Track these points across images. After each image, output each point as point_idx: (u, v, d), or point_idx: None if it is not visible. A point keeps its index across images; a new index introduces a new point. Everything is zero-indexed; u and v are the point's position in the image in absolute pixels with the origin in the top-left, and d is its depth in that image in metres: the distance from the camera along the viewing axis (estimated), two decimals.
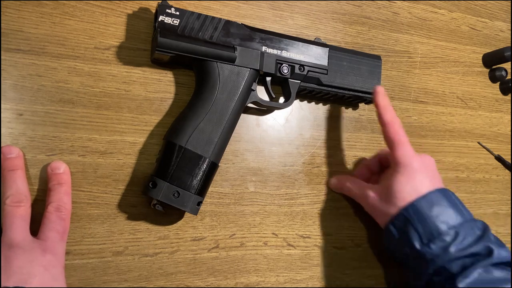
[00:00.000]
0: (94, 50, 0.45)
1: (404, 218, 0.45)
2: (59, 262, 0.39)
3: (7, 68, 0.42)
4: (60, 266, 0.39)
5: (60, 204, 0.40)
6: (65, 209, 0.40)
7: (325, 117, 0.55)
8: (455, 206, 0.45)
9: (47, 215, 0.40)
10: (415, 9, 0.63)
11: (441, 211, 0.44)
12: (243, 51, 0.46)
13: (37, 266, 0.36)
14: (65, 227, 0.40)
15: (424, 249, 0.44)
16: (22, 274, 0.35)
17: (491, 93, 0.66)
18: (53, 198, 0.40)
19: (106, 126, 0.45)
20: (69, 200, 0.41)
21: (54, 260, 0.38)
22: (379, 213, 0.48)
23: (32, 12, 0.43)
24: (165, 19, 0.43)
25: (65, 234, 0.40)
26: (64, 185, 0.41)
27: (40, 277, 0.36)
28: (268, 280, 0.49)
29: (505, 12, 0.69)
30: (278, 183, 0.51)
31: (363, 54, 0.53)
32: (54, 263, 0.38)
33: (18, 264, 0.36)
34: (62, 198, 0.40)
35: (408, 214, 0.45)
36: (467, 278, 0.41)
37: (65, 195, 0.41)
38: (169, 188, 0.41)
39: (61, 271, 0.38)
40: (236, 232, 0.49)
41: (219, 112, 0.44)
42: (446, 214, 0.44)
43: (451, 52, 0.64)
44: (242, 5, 0.52)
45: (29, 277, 0.35)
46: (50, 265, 0.37)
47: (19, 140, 0.42)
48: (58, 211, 0.40)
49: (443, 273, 0.43)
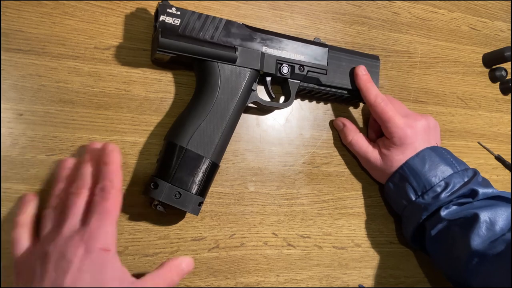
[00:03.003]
0: (94, 50, 0.45)
1: (400, 175, 0.50)
2: (101, 245, 0.35)
3: (7, 68, 0.42)
4: (97, 248, 0.35)
5: (105, 184, 0.37)
6: (112, 188, 0.37)
7: (325, 117, 0.55)
8: (445, 160, 0.50)
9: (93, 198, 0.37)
10: (415, 9, 0.63)
11: (433, 166, 0.49)
12: (244, 51, 0.46)
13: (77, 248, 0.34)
14: (108, 207, 0.36)
15: (419, 200, 0.49)
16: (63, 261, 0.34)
17: (491, 93, 0.66)
18: (99, 178, 0.38)
19: (106, 126, 0.45)
20: (117, 179, 0.38)
21: (94, 243, 0.35)
22: (377, 173, 0.54)
23: (32, 12, 0.43)
24: (166, 19, 0.43)
25: (110, 214, 0.36)
26: (112, 164, 0.38)
27: (78, 263, 0.34)
28: (268, 280, 0.49)
29: (505, 12, 0.69)
30: (278, 183, 0.51)
31: (362, 54, 0.53)
32: (92, 247, 0.35)
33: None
34: (107, 178, 0.38)
35: (403, 172, 0.50)
36: (449, 209, 0.48)
37: (111, 174, 0.38)
38: (170, 189, 0.41)
39: (101, 254, 0.35)
40: (236, 232, 0.49)
41: (220, 113, 0.44)
42: (438, 169, 0.49)
43: (451, 52, 0.64)
44: (242, 5, 0.52)
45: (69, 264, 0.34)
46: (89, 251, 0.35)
47: (19, 140, 0.42)
48: (102, 191, 0.37)
49: (434, 215, 0.49)
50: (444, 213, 0.47)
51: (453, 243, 0.47)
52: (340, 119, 0.54)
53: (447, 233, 0.48)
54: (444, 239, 0.48)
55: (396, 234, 0.56)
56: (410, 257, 0.56)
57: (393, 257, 0.55)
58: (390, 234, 0.56)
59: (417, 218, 0.49)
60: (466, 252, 0.45)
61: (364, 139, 0.53)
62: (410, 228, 0.51)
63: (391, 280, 0.55)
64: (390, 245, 0.55)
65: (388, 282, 0.54)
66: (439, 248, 0.49)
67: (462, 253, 0.46)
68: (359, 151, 0.53)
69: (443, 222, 0.48)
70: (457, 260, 0.47)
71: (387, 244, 0.55)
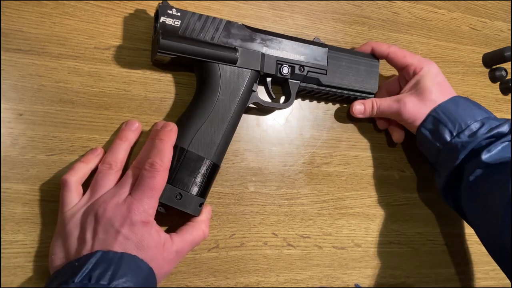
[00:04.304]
0: (94, 50, 0.45)
1: (433, 118, 0.49)
2: (142, 218, 0.38)
3: (7, 68, 0.42)
4: (139, 222, 0.38)
5: (155, 161, 0.39)
6: (161, 167, 0.39)
7: (325, 117, 0.55)
8: (479, 106, 0.50)
9: (141, 171, 0.40)
10: (415, 9, 0.63)
11: (467, 108, 0.48)
12: (244, 52, 0.46)
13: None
14: (154, 185, 0.39)
15: (455, 140, 0.47)
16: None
17: (491, 93, 0.66)
18: (151, 154, 0.40)
19: (106, 126, 0.45)
20: (167, 158, 0.40)
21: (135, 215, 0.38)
22: (415, 116, 0.50)
23: (32, 12, 0.43)
24: (166, 20, 0.43)
25: (154, 191, 0.39)
26: (166, 142, 0.40)
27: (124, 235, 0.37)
28: (268, 280, 0.49)
29: (505, 12, 0.69)
30: (278, 183, 0.51)
31: (362, 54, 0.53)
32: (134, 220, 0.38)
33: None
34: (158, 155, 0.40)
35: (436, 114, 0.49)
36: (490, 152, 0.45)
37: (162, 152, 0.40)
38: (171, 190, 0.41)
39: (141, 226, 0.38)
40: (236, 232, 0.49)
41: (221, 114, 0.44)
42: (472, 111, 0.48)
43: (451, 52, 0.64)
44: (242, 5, 0.52)
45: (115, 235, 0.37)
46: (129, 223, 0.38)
47: (19, 140, 0.42)
48: (151, 167, 0.39)
49: (471, 156, 0.47)
50: (486, 156, 0.45)
51: (491, 190, 0.45)
52: (356, 103, 0.53)
53: (486, 179, 0.45)
54: (482, 186, 0.46)
55: (396, 234, 0.56)
56: (410, 257, 0.56)
57: (393, 257, 0.55)
58: (390, 234, 0.56)
59: (453, 160, 0.47)
60: (504, 200, 0.43)
61: (386, 99, 0.52)
62: (444, 174, 0.49)
63: (391, 280, 0.55)
64: (390, 245, 0.55)
65: (388, 282, 0.54)
66: (476, 196, 0.47)
67: (499, 201, 0.43)
68: (388, 110, 0.52)
69: (483, 167, 0.45)
70: (493, 209, 0.44)
71: (387, 244, 0.55)
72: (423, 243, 0.57)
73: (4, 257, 0.40)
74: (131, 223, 0.37)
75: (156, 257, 0.39)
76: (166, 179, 0.40)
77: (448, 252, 0.59)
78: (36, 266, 0.41)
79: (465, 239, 0.60)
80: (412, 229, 0.57)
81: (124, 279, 0.35)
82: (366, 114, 0.53)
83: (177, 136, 0.42)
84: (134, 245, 0.37)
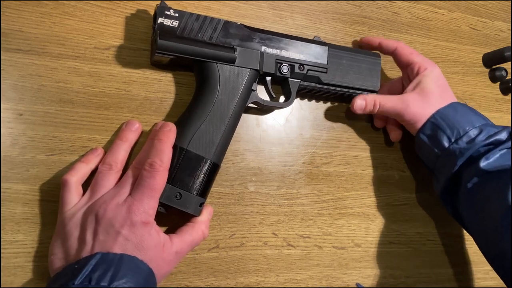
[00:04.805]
0: (94, 50, 0.45)
1: (432, 124, 0.49)
2: (142, 218, 0.38)
3: (7, 68, 0.42)
4: (139, 222, 0.38)
5: (154, 161, 0.39)
6: (160, 167, 0.39)
7: (325, 117, 0.55)
8: (476, 113, 0.50)
9: (141, 172, 0.40)
10: (415, 9, 0.63)
11: (466, 115, 0.49)
12: (243, 51, 0.46)
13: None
14: (154, 185, 0.39)
15: (453, 146, 0.47)
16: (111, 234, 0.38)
17: (491, 93, 0.66)
18: (150, 154, 0.40)
19: (106, 126, 0.45)
20: (167, 158, 0.40)
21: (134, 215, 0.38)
22: (416, 118, 0.50)
23: (32, 12, 0.43)
24: (164, 21, 0.43)
25: (154, 191, 0.39)
26: (165, 142, 0.41)
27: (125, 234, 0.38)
28: (268, 280, 0.49)
29: (505, 12, 0.69)
30: (278, 183, 0.51)
31: (362, 52, 0.53)
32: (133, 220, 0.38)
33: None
34: (158, 156, 0.40)
35: (435, 120, 0.49)
36: (488, 159, 0.45)
37: (162, 152, 0.40)
38: (171, 190, 0.41)
39: (141, 226, 0.38)
40: (236, 232, 0.49)
41: (220, 113, 0.44)
42: (470, 117, 0.48)
43: (451, 52, 0.64)
44: (242, 5, 0.52)
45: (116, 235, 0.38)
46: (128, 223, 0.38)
47: (19, 140, 0.42)
48: (150, 167, 0.39)
49: (470, 163, 0.47)
50: (484, 163, 0.45)
51: (489, 197, 0.45)
52: (358, 97, 0.51)
53: (484, 186, 0.46)
54: (480, 193, 0.46)
55: (396, 234, 0.56)
56: (410, 257, 0.56)
57: (393, 257, 0.55)
58: (390, 234, 0.56)
59: (452, 166, 0.47)
60: (502, 208, 0.43)
61: (389, 96, 0.52)
62: (442, 179, 0.49)
63: (391, 280, 0.55)
64: (390, 245, 0.55)
65: (388, 282, 0.54)
66: (474, 203, 0.47)
67: (498, 208, 0.43)
68: (391, 110, 0.51)
69: (481, 175, 0.46)
70: (491, 216, 0.44)
71: (387, 244, 0.55)
72: (423, 243, 0.57)
73: (4, 257, 0.40)
74: (131, 223, 0.38)
75: (155, 258, 0.39)
76: (166, 179, 0.40)
77: (448, 252, 0.59)
78: (36, 266, 0.41)
79: (465, 239, 0.60)
80: (412, 229, 0.57)
81: (124, 280, 0.35)
82: (366, 110, 0.51)
83: (176, 135, 0.42)
84: (134, 246, 0.38)
